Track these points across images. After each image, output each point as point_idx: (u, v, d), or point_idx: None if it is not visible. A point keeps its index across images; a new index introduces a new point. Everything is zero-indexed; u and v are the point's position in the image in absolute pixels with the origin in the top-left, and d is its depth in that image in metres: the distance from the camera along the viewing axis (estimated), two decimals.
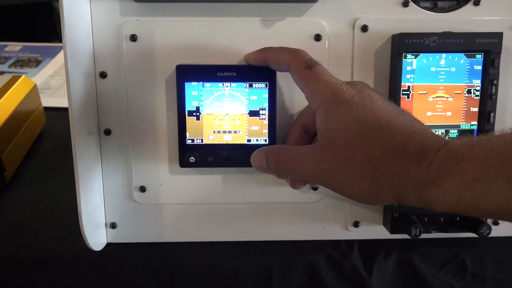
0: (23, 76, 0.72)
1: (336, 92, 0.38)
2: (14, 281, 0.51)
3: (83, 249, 0.51)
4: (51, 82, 0.96)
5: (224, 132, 0.48)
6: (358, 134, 0.36)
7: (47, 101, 0.86)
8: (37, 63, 1.06)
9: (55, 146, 0.74)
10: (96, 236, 0.50)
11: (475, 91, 0.49)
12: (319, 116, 0.39)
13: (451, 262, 0.53)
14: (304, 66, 0.41)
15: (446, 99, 0.49)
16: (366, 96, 0.38)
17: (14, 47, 1.15)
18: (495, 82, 0.48)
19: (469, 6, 0.50)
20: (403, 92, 0.49)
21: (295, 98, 0.50)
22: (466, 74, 0.49)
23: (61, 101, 0.88)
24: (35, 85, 0.74)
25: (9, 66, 1.04)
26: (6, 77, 0.71)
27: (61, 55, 1.09)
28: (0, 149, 0.60)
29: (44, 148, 0.73)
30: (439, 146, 0.34)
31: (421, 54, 0.48)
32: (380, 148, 0.35)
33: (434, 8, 0.50)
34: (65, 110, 0.86)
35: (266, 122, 0.48)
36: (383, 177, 0.35)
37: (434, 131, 0.49)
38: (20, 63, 1.06)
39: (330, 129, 0.38)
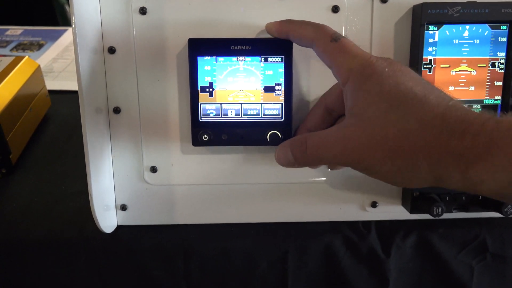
0: (27, 57, 0.70)
1: (365, 64, 0.35)
2: (24, 265, 0.50)
3: (93, 232, 0.49)
4: (54, 65, 0.94)
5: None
6: (391, 106, 0.33)
7: (51, 84, 0.83)
8: (39, 46, 1.03)
9: (60, 129, 0.72)
10: (107, 219, 0.49)
11: (499, 64, 0.47)
12: (347, 91, 0.36)
13: (471, 242, 0.52)
14: (329, 39, 0.38)
15: (469, 72, 0.47)
16: (398, 68, 0.35)
17: (15, 31, 1.13)
18: None
19: None
20: (425, 66, 0.47)
21: (312, 73, 0.48)
22: (491, 46, 0.47)
23: (65, 84, 0.86)
24: (39, 67, 0.72)
25: (11, 50, 1.02)
26: (9, 58, 0.69)
27: (63, 38, 1.06)
28: (5, 131, 0.59)
29: (49, 130, 0.72)
30: (484, 119, 0.31)
31: (443, 25, 0.46)
32: (416, 120, 0.32)
33: None
34: (69, 93, 0.85)
35: (282, 98, 0.47)
36: (419, 153, 0.32)
37: None
38: (22, 46, 1.04)
39: (359, 104, 0.35)
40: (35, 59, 0.95)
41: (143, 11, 0.46)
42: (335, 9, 0.47)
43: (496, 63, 0.47)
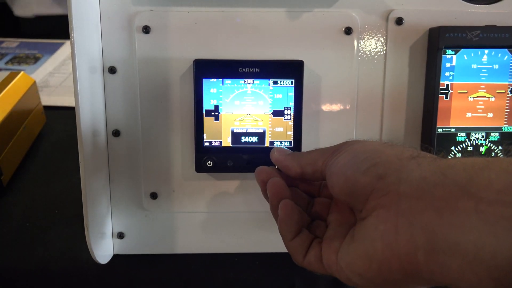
0: (22, 72, 0.68)
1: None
2: None
3: (87, 261, 0.47)
4: (50, 79, 0.91)
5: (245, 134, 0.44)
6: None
7: (46, 99, 0.81)
8: (36, 59, 1.01)
9: (55, 148, 0.69)
10: (102, 247, 0.46)
11: None
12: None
13: None
14: None
15: (487, 99, 0.45)
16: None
17: (11, 43, 1.10)
18: None
19: None
20: (442, 91, 0.45)
21: (322, 98, 0.46)
22: (510, 71, 0.45)
23: (61, 100, 0.83)
24: (35, 82, 0.70)
25: (6, 63, 0.99)
26: (4, 73, 0.67)
27: (60, 51, 1.04)
28: None
29: (43, 149, 0.69)
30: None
31: (461, 49, 0.44)
32: None
33: None
34: (65, 109, 0.82)
35: (291, 123, 0.44)
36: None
37: (473, 134, 0.46)
38: (18, 59, 1.01)
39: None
40: (31, 73, 0.93)
41: (146, 30, 0.44)
42: (348, 30, 0.45)
43: None
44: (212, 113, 0.44)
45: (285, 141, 0.45)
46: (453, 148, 0.46)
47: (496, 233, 0.23)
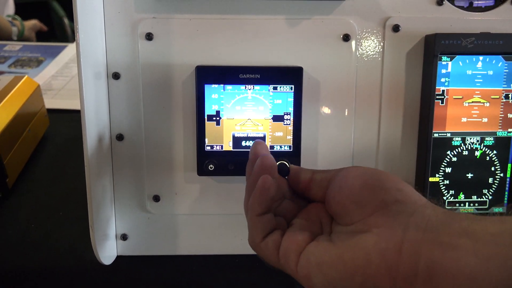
0: (26, 76, 0.69)
1: None
2: None
3: (91, 262, 0.47)
4: (53, 82, 0.93)
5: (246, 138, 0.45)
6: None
7: (50, 102, 0.82)
8: (38, 63, 1.02)
9: (58, 150, 0.70)
10: (106, 249, 0.47)
11: None
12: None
13: None
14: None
15: (482, 104, 0.46)
16: None
17: (13, 46, 1.12)
18: None
19: (506, 5, 0.47)
20: (437, 97, 0.46)
21: (321, 102, 0.47)
22: (504, 78, 0.46)
23: (64, 103, 0.84)
24: (39, 86, 0.71)
25: (9, 66, 1.01)
26: (8, 77, 0.68)
27: (63, 54, 1.05)
28: (2, 154, 0.57)
29: (47, 152, 0.70)
30: None
31: (457, 56, 0.45)
32: None
33: (470, 7, 0.47)
34: (68, 112, 0.83)
35: (290, 128, 0.45)
36: None
37: (469, 138, 0.47)
38: (21, 62, 1.02)
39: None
40: (34, 76, 0.94)
41: (149, 37, 0.45)
42: (346, 37, 0.46)
43: (510, 95, 0.46)
44: (214, 118, 0.45)
45: (284, 146, 0.46)
46: (448, 152, 0.47)
47: (488, 269, 0.26)
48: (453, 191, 0.48)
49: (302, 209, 0.37)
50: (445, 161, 0.47)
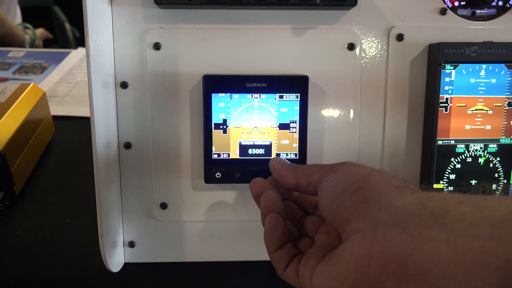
0: (32, 84, 0.69)
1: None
2: None
3: (99, 269, 0.48)
4: (58, 89, 0.93)
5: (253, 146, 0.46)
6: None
7: (54, 109, 0.82)
8: (42, 69, 1.02)
9: (64, 157, 0.71)
10: (114, 256, 0.47)
11: None
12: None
13: None
14: None
15: (485, 112, 0.47)
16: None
17: (17, 52, 1.12)
18: None
19: (509, 15, 0.48)
20: (441, 105, 0.46)
21: (326, 111, 0.48)
22: (507, 86, 0.47)
23: (68, 110, 0.85)
24: (44, 94, 0.71)
25: (13, 73, 1.01)
26: (15, 85, 0.68)
27: (66, 60, 1.06)
28: (10, 161, 0.57)
29: (53, 159, 0.70)
30: None
31: (460, 65, 0.46)
32: None
33: (473, 16, 0.47)
34: (72, 119, 0.84)
35: (296, 135, 0.46)
36: None
37: (472, 145, 0.48)
38: (25, 69, 1.03)
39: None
40: (38, 82, 0.95)
41: (157, 46, 0.46)
42: (351, 46, 0.46)
43: None
44: (221, 127, 0.45)
45: (291, 153, 0.46)
46: (452, 159, 0.48)
47: (464, 264, 0.23)
48: None
49: (323, 222, 0.38)
50: (449, 168, 0.48)
